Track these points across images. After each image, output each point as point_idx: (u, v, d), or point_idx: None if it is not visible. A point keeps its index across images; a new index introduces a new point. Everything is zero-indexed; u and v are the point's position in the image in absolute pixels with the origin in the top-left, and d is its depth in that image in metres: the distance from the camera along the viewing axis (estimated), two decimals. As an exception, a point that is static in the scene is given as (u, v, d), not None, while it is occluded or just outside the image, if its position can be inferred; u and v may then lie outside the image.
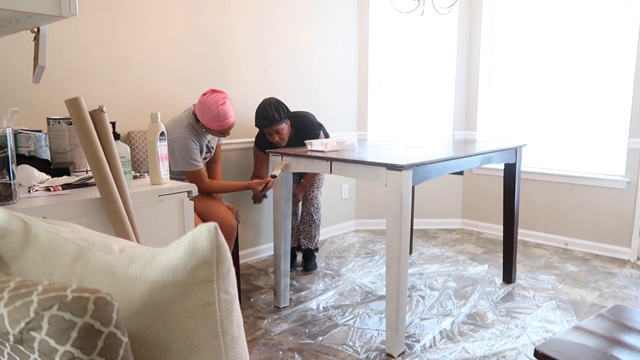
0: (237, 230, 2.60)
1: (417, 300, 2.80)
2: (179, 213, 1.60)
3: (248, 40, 3.27)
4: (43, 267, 0.75)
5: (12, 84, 2.32)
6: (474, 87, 4.22)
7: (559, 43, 3.75)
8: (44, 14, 1.25)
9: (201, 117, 2.44)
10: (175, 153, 2.45)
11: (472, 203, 4.33)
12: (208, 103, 2.41)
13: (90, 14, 2.53)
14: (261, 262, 3.46)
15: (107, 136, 1.43)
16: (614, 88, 3.54)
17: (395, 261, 2.11)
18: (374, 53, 4.12)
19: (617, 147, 3.57)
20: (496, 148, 2.72)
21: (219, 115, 2.42)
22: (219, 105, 2.41)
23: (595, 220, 3.65)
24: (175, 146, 2.44)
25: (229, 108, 2.46)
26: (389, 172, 2.07)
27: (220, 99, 2.43)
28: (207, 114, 2.42)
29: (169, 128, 2.50)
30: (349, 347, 2.26)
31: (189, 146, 2.45)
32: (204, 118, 2.44)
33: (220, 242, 0.64)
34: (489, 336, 2.37)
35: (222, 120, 2.44)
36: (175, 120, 2.53)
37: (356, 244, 3.89)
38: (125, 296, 0.64)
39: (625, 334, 1.44)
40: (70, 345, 0.50)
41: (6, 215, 0.81)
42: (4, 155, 1.26)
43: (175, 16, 2.88)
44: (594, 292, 2.92)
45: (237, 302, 0.69)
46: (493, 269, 3.31)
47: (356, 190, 4.31)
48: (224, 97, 2.46)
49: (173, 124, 2.50)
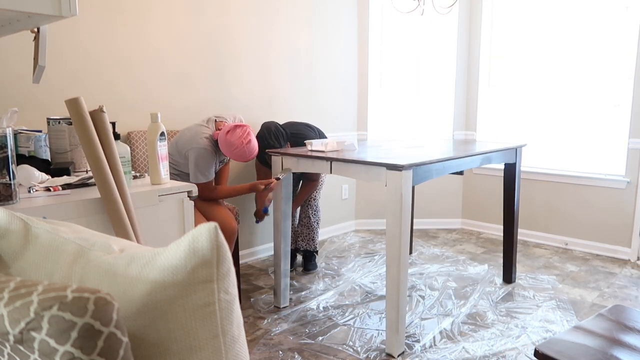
0: (237, 232, 2.59)
1: (417, 300, 2.80)
2: (179, 213, 1.60)
3: (248, 41, 3.27)
4: (43, 267, 0.75)
5: (12, 84, 2.32)
6: (474, 87, 4.22)
7: (559, 43, 3.75)
8: (44, 14, 1.25)
9: (225, 152, 2.42)
10: (191, 163, 2.43)
11: (472, 203, 4.33)
12: (233, 143, 2.38)
13: (90, 14, 2.53)
14: (261, 262, 3.46)
15: (107, 136, 1.43)
16: (614, 88, 3.54)
17: (395, 261, 2.11)
18: (374, 53, 4.12)
19: (617, 147, 3.57)
20: (496, 148, 2.72)
21: (245, 153, 2.42)
22: (245, 145, 2.39)
23: (595, 220, 3.65)
24: (195, 156, 2.41)
25: (254, 144, 2.44)
26: (389, 172, 2.07)
27: (245, 137, 2.39)
28: (233, 153, 2.41)
29: (190, 136, 2.46)
30: (349, 347, 2.26)
31: (208, 160, 2.43)
32: (229, 154, 2.42)
33: (220, 242, 0.64)
34: (489, 336, 2.37)
35: (249, 156, 2.44)
36: (194, 130, 2.48)
37: (356, 244, 3.89)
38: (125, 296, 0.64)
39: (625, 334, 1.44)
40: (71, 346, 0.50)
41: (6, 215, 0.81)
42: (4, 155, 1.26)
43: (176, 16, 2.88)
44: (594, 292, 2.92)
45: (237, 302, 0.69)
46: (493, 269, 3.31)
47: (356, 190, 4.31)
48: (248, 132, 2.42)
49: (194, 134, 2.46)
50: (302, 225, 3.25)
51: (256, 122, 3.39)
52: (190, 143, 2.43)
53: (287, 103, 3.58)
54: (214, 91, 3.12)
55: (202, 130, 2.47)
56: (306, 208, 3.23)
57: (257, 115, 3.39)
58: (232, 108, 3.24)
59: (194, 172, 2.44)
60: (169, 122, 2.92)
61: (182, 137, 2.51)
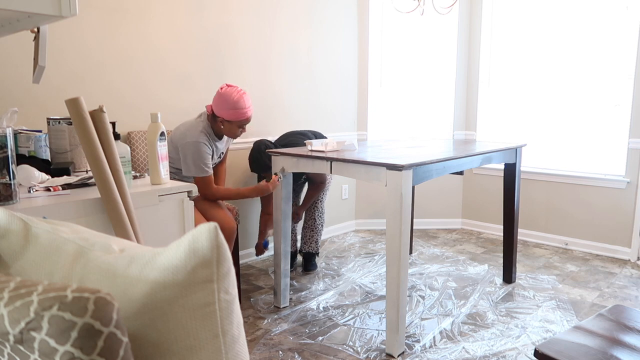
0: (237, 232, 2.59)
1: (417, 300, 2.80)
2: (179, 213, 1.60)
3: (248, 41, 3.27)
4: (43, 267, 0.75)
5: (12, 84, 2.32)
6: (474, 87, 4.22)
7: (559, 43, 3.75)
8: (44, 14, 1.25)
9: (220, 109, 2.42)
10: (188, 157, 2.42)
11: (472, 203, 4.33)
12: (228, 92, 2.42)
13: (91, 14, 2.53)
14: (261, 262, 3.46)
15: (107, 136, 1.43)
16: (614, 88, 3.54)
17: (395, 261, 2.11)
18: (374, 53, 4.12)
19: (617, 147, 3.57)
20: (496, 148, 2.72)
21: (239, 102, 2.42)
22: (240, 93, 2.43)
23: (595, 220, 3.65)
24: (189, 150, 2.41)
25: (248, 97, 2.47)
26: (389, 172, 2.07)
27: (239, 90, 2.46)
28: (227, 103, 2.40)
29: (182, 131, 2.47)
30: (349, 347, 2.26)
31: (203, 151, 2.42)
32: (223, 109, 2.42)
33: (220, 242, 0.64)
34: (489, 336, 2.37)
35: (243, 108, 2.44)
36: (189, 124, 2.50)
37: (356, 244, 3.89)
38: (125, 296, 0.64)
39: (625, 334, 1.44)
40: (71, 345, 0.50)
41: (6, 215, 0.81)
42: (4, 155, 1.26)
43: (176, 16, 2.88)
44: (594, 292, 2.92)
45: (237, 302, 0.69)
46: (493, 269, 3.31)
47: (356, 190, 4.31)
48: (241, 89, 2.48)
49: (187, 128, 2.48)
50: (306, 227, 3.25)
51: (256, 123, 3.39)
52: (184, 137, 2.44)
53: (287, 103, 3.58)
54: (214, 91, 3.12)
55: (195, 124, 2.49)
56: (312, 210, 3.23)
57: (257, 115, 3.39)
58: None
59: (188, 166, 2.43)
60: (169, 122, 2.92)
61: (176, 131, 2.53)
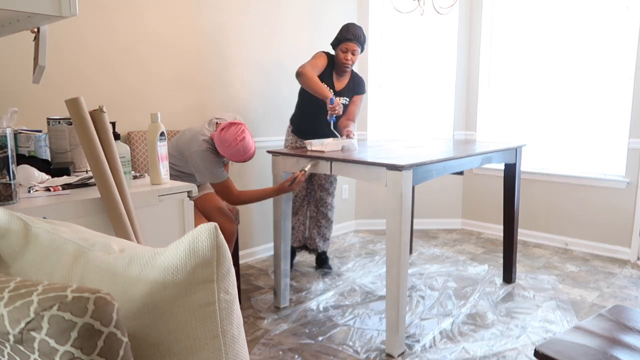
0: (237, 233, 2.59)
1: (417, 300, 2.80)
2: (179, 213, 1.60)
3: (248, 40, 3.27)
4: (43, 267, 0.75)
5: (12, 84, 2.32)
6: (474, 87, 4.22)
7: (559, 43, 3.75)
8: (44, 14, 1.25)
9: (221, 151, 2.40)
10: (199, 166, 2.41)
11: (472, 203, 4.33)
12: (227, 140, 2.36)
13: (90, 13, 2.53)
14: (261, 262, 3.46)
15: (107, 136, 1.43)
16: (614, 88, 3.54)
17: (395, 261, 2.11)
18: (374, 53, 4.12)
19: (617, 147, 3.57)
20: (496, 148, 2.72)
21: (239, 151, 2.39)
22: (239, 142, 2.36)
23: (595, 220, 3.65)
24: (198, 159, 2.40)
25: (249, 141, 2.41)
26: (389, 172, 2.07)
27: (239, 134, 2.37)
28: (227, 150, 2.39)
29: (188, 138, 2.45)
30: (349, 347, 2.26)
31: (212, 160, 2.41)
32: (224, 153, 2.40)
33: (220, 242, 0.64)
34: (489, 336, 2.37)
35: (243, 155, 2.41)
36: (194, 131, 2.48)
37: (356, 244, 3.89)
38: (125, 296, 0.64)
39: (625, 334, 1.44)
40: (71, 345, 0.50)
41: (6, 215, 0.81)
42: (4, 155, 1.26)
43: (176, 16, 2.88)
44: (594, 292, 2.92)
45: (237, 302, 0.69)
46: (493, 269, 3.31)
47: (356, 190, 4.31)
48: (242, 129, 2.40)
49: (192, 136, 2.45)
50: (321, 225, 3.25)
51: (256, 122, 3.39)
52: (190, 146, 2.42)
53: (287, 103, 3.58)
54: (213, 91, 3.12)
55: (202, 132, 2.46)
56: (323, 209, 3.23)
57: (257, 116, 3.39)
58: (231, 108, 3.24)
59: (202, 174, 2.42)
60: (169, 122, 2.92)
61: (182, 137, 2.51)
